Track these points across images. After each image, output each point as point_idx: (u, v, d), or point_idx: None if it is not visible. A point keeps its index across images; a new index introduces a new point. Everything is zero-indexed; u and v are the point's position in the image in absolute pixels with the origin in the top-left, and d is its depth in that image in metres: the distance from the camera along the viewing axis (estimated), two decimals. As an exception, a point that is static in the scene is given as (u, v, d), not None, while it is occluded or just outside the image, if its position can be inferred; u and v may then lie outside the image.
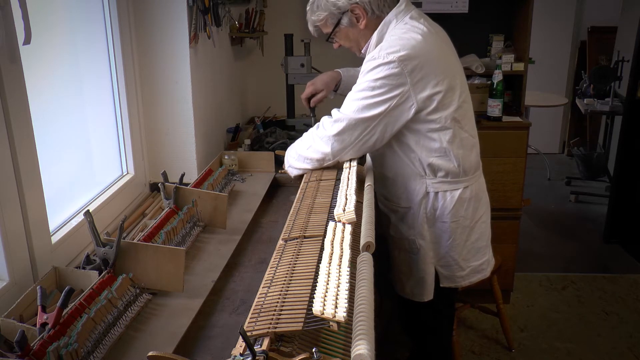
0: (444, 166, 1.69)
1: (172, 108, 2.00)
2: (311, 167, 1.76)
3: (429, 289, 1.81)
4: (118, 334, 1.10)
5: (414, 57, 1.57)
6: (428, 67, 1.59)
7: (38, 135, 1.31)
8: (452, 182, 1.72)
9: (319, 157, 1.71)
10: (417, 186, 1.73)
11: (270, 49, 3.05)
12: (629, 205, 3.82)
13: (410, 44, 1.58)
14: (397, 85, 1.57)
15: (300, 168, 1.79)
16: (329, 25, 1.75)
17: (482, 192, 1.83)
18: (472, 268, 1.83)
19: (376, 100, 1.59)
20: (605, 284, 3.39)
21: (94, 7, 1.74)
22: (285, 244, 1.30)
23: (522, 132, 2.82)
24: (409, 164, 1.71)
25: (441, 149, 1.67)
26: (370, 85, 1.59)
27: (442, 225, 1.75)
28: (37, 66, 1.36)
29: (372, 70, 1.59)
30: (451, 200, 1.72)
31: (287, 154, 1.86)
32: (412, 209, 1.75)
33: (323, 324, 0.95)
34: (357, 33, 1.74)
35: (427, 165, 1.69)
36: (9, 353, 0.89)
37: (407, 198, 1.76)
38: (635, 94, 3.67)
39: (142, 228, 1.60)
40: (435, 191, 1.72)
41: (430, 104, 1.61)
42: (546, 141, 5.81)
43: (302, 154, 1.76)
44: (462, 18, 2.74)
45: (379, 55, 1.58)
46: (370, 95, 1.59)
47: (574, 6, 5.62)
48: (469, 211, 1.76)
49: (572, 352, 2.74)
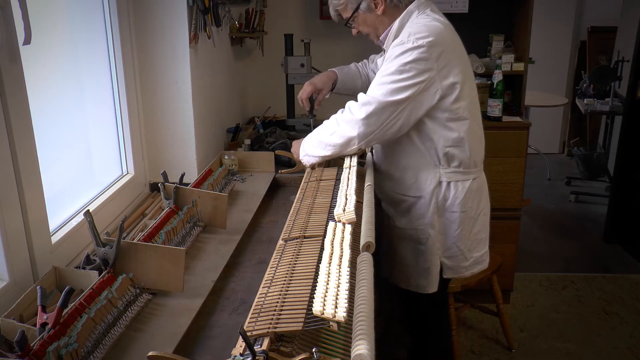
0: (458, 156, 1.73)
1: (172, 108, 2.00)
2: (331, 154, 1.76)
3: (433, 280, 1.83)
4: (118, 334, 1.10)
5: (440, 43, 1.62)
6: (451, 55, 1.65)
7: (38, 135, 1.31)
8: (464, 172, 1.76)
9: (343, 141, 1.71)
10: (430, 175, 1.75)
11: (270, 49, 3.05)
12: (629, 205, 3.81)
13: (437, 31, 1.63)
14: (424, 70, 1.61)
15: (319, 155, 1.80)
16: (349, 10, 1.79)
17: (484, 184, 1.88)
18: (475, 259, 1.87)
19: (405, 84, 1.61)
20: (605, 284, 3.39)
21: (94, 7, 1.74)
22: (285, 244, 1.30)
23: (522, 132, 2.82)
24: (424, 153, 1.74)
25: (458, 138, 1.71)
26: (399, 69, 1.62)
27: (450, 216, 1.78)
28: (37, 66, 1.36)
29: (402, 55, 1.62)
30: (462, 190, 1.76)
31: (303, 143, 1.86)
32: (423, 198, 1.77)
33: (323, 324, 0.95)
34: (374, 19, 1.77)
35: (443, 155, 1.73)
36: (9, 353, 0.89)
37: (417, 188, 1.78)
38: (635, 94, 3.67)
39: (142, 228, 1.60)
40: (448, 181, 1.76)
41: (452, 92, 1.66)
42: (546, 141, 5.81)
43: (324, 140, 1.76)
44: (462, 18, 2.74)
45: (408, 40, 1.62)
46: (399, 79, 1.62)
47: (574, 6, 5.62)
48: (475, 202, 1.81)
49: (572, 352, 2.74)
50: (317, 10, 3.12)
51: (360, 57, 2.20)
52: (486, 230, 1.90)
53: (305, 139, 1.87)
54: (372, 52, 2.27)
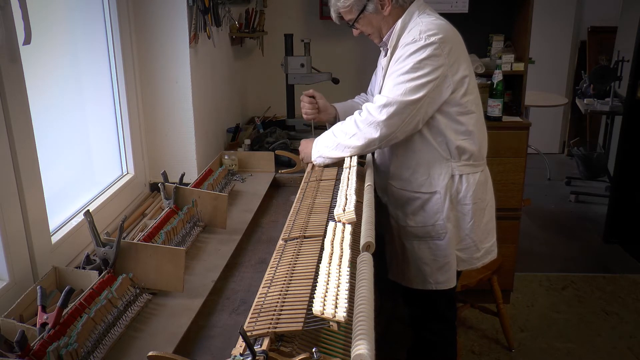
0: (468, 149, 1.76)
1: (172, 108, 2.00)
2: (350, 155, 1.78)
3: (452, 274, 1.84)
4: (118, 334, 1.10)
5: (449, 40, 1.67)
6: (458, 51, 1.70)
7: (38, 135, 1.31)
8: (474, 164, 1.80)
9: (364, 143, 1.73)
10: (442, 170, 1.77)
11: (270, 49, 3.05)
12: (629, 205, 3.82)
13: (446, 28, 1.69)
14: (438, 66, 1.65)
15: (336, 157, 1.81)
16: (354, 12, 1.78)
17: (489, 176, 1.92)
18: (486, 249, 1.89)
19: (422, 82, 1.64)
20: (605, 284, 3.39)
21: (94, 7, 1.74)
22: (285, 244, 1.30)
23: (522, 132, 2.82)
24: (436, 147, 1.76)
25: (467, 131, 1.75)
26: (415, 67, 1.64)
27: (463, 208, 1.80)
28: (37, 66, 1.36)
29: (416, 53, 1.64)
30: (473, 182, 1.79)
31: (317, 144, 1.86)
32: (438, 193, 1.78)
33: (323, 324, 0.95)
34: (380, 20, 1.78)
35: (455, 148, 1.75)
36: (9, 353, 0.89)
37: (430, 183, 1.79)
38: (635, 94, 3.67)
39: (142, 228, 1.60)
40: (460, 174, 1.78)
41: (462, 87, 1.70)
42: (546, 141, 5.81)
43: (343, 143, 1.77)
44: (462, 18, 2.73)
45: (420, 37, 1.65)
46: (415, 77, 1.64)
47: (574, 6, 5.62)
48: (483, 194, 1.84)
49: (572, 352, 2.74)
50: (317, 10, 3.12)
51: (360, 57, 2.20)
52: (493, 220, 1.94)
53: (319, 141, 1.87)
54: (372, 52, 2.27)
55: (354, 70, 3.14)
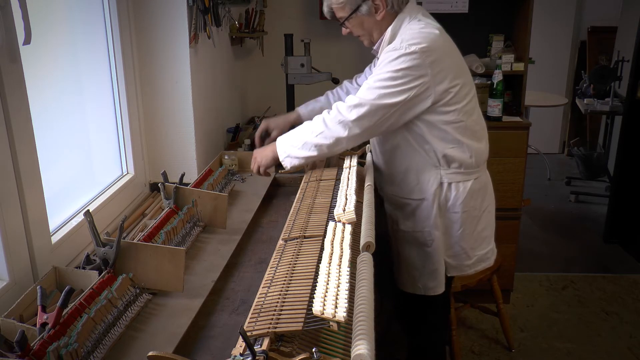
0: (458, 157, 1.72)
1: (172, 108, 2.00)
2: (318, 154, 1.71)
3: (441, 280, 1.83)
4: (118, 334, 1.10)
5: (434, 49, 1.61)
6: (446, 61, 1.65)
7: (38, 135, 1.31)
8: (465, 173, 1.76)
9: (331, 142, 1.67)
10: (431, 177, 1.75)
11: (270, 49, 3.05)
12: (629, 205, 3.81)
13: (431, 38, 1.63)
14: (418, 76, 1.61)
15: (304, 157, 1.72)
16: (347, 10, 1.74)
17: (488, 182, 1.88)
18: (478, 257, 1.87)
19: (397, 90, 1.61)
20: (605, 284, 3.39)
21: (94, 7, 1.74)
22: (285, 244, 1.30)
23: (522, 132, 2.82)
24: (424, 155, 1.74)
25: (455, 140, 1.71)
26: (392, 76, 1.61)
27: (452, 216, 1.78)
28: (37, 66, 1.36)
29: (394, 61, 1.61)
30: (464, 190, 1.76)
31: (282, 144, 1.76)
32: (426, 200, 1.77)
33: (323, 324, 0.95)
34: (372, 23, 1.75)
35: (442, 156, 1.72)
36: (9, 353, 0.89)
37: (420, 190, 1.77)
38: (635, 94, 3.67)
39: (142, 228, 1.60)
40: (449, 182, 1.75)
41: (446, 97, 1.65)
42: (546, 141, 5.81)
43: (311, 141, 1.69)
44: (462, 18, 2.74)
45: (401, 46, 1.61)
46: (391, 85, 1.61)
47: (574, 6, 5.62)
48: (477, 201, 1.80)
49: (572, 352, 2.74)
50: (317, 10, 3.12)
51: (359, 57, 2.20)
52: (491, 227, 1.90)
53: (284, 140, 1.77)
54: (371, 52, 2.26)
55: (354, 70, 3.11)
